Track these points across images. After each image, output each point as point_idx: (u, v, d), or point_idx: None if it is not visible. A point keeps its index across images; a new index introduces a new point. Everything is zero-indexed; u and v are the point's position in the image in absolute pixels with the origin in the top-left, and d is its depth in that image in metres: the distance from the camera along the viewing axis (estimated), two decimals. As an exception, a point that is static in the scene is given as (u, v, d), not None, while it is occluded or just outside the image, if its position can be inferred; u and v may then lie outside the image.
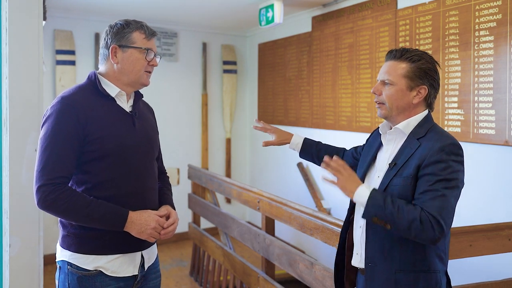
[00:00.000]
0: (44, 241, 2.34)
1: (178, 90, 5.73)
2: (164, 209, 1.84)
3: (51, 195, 1.61)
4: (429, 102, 1.68)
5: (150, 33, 1.81)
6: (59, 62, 4.96)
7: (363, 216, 1.56)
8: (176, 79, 5.71)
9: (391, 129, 1.70)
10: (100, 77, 1.80)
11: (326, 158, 1.64)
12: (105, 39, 1.80)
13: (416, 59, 1.64)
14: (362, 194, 1.56)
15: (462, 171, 1.57)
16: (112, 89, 1.78)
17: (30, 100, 2.19)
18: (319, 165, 1.91)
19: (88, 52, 5.18)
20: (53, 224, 4.95)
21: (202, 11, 4.93)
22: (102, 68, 1.82)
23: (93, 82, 1.78)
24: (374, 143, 1.79)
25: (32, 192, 2.16)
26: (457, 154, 1.55)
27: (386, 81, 1.66)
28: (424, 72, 1.64)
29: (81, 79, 5.07)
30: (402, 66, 1.64)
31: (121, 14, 4.97)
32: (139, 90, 1.89)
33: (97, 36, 5.19)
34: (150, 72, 1.83)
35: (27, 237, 2.18)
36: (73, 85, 5.28)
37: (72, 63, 5.02)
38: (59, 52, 4.95)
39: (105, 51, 1.79)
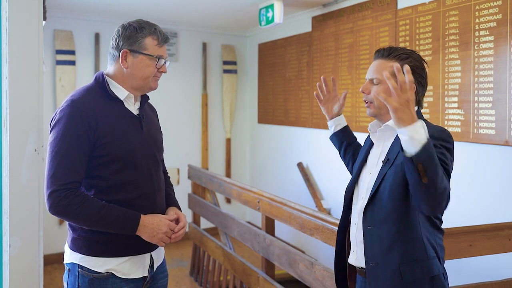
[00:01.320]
0: (44, 241, 2.34)
1: (178, 90, 5.72)
2: (173, 213, 1.84)
3: (63, 201, 1.59)
4: (418, 100, 1.69)
5: (163, 40, 1.77)
6: (59, 62, 4.96)
7: (414, 157, 1.36)
8: (176, 79, 5.70)
9: (380, 127, 1.70)
10: (108, 79, 1.77)
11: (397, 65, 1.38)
12: (116, 40, 1.75)
13: (404, 57, 1.66)
14: (418, 130, 1.36)
15: (450, 159, 1.55)
16: (121, 92, 1.76)
17: (30, 100, 2.18)
18: (343, 156, 2.01)
19: (88, 52, 5.18)
20: (53, 224, 4.95)
21: (202, 11, 4.93)
22: (110, 68, 1.79)
23: (101, 84, 1.76)
24: (367, 143, 1.82)
25: (32, 192, 2.16)
26: (445, 140, 1.55)
27: (374, 80, 1.68)
28: (412, 70, 1.64)
29: (81, 79, 5.08)
30: (390, 65, 1.65)
31: (121, 14, 4.97)
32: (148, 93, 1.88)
33: (97, 36, 5.19)
34: (158, 77, 1.82)
35: (27, 237, 2.17)
36: (73, 85, 5.29)
37: (72, 63, 5.02)
38: (59, 52, 4.95)
39: (115, 53, 1.76)
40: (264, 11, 4.40)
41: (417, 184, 1.41)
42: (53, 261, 4.75)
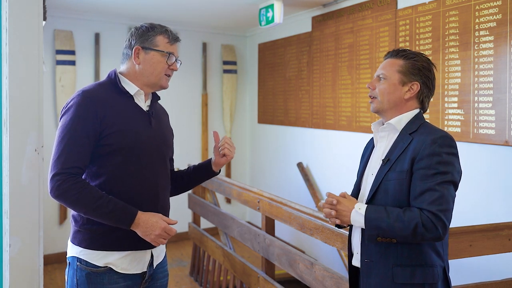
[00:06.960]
0: (44, 241, 2.35)
1: (178, 90, 5.72)
2: (167, 218, 1.82)
3: (64, 184, 1.64)
4: (421, 100, 1.72)
5: (174, 38, 1.86)
6: (59, 62, 4.96)
7: (368, 240, 1.61)
8: (176, 79, 5.69)
9: (383, 125, 1.72)
10: (120, 75, 1.84)
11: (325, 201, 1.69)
12: (129, 40, 1.85)
13: (411, 57, 1.71)
14: (356, 219, 1.61)
15: (456, 162, 1.59)
16: (131, 87, 1.82)
17: (30, 100, 2.18)
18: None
19: (88, 52, 5.18)
20: (53, 224, 4.95)
21: (202, 11, 4.93)
22: (123, 67, 1.87)
23: (113, 80, 1.83)
24: (367, 151, 1.83)
25: (32, 192, 2.16)
26: (449, 146, 1.58)
27: (380, 76, 1.72)
28: (418, 69, 1.69)
29: (81, 79, 5.08)
30: (397, 63, 1.71)
31: (121, 14, 4.97)
32: (157, 93, 1.94)
33: (97, 36, 5.19)
34: (169, 76, 1.88)
35: (27, 237, 2.17)
36: (73, 85, 5.30)
37: (72, 63, 5.02)
38: (59, 52, 4.95)
39: (128, 51, 1.84)
40: (264, 11, 4.40)
41: (396, 242, 1.60)
42: (53, 261, 4.75)
